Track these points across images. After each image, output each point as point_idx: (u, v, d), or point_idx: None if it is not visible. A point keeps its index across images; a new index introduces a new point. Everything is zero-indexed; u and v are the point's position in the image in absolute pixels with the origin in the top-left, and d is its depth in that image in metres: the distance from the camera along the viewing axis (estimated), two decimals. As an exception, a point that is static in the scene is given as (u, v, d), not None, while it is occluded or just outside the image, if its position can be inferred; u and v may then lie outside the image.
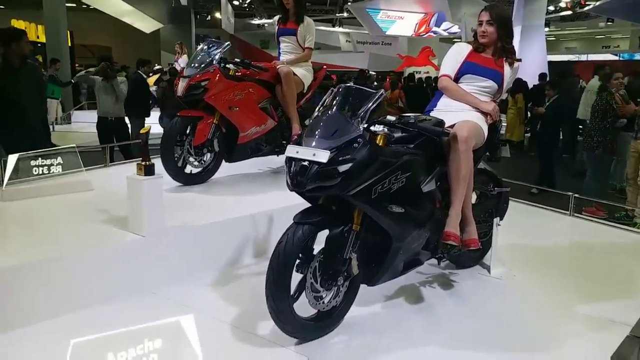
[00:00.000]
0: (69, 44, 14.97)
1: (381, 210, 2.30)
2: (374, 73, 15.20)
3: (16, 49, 4.69)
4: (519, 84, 10.58)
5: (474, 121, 2.79)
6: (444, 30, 20.20)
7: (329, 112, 2.32)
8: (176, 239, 3.01)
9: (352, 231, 2.33)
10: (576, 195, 4.55)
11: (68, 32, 14.59)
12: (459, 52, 3.00)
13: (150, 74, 8.62)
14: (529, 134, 11.65)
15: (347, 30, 24.03)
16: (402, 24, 21.06)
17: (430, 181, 2.60)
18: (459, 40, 23.19)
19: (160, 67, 11.61)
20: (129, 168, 4.83)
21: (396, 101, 10.91)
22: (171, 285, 2.89)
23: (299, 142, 2.30)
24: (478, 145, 2.82)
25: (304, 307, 2.35)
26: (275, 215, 3.49)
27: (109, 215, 3.19)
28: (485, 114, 2.89)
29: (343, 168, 2.16)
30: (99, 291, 2.67)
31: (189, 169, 4.04)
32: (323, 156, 2.15)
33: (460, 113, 2.84)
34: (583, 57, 27.37)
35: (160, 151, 3.83)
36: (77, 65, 18.42)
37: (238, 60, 4.11)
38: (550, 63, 16.18)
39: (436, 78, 14.34)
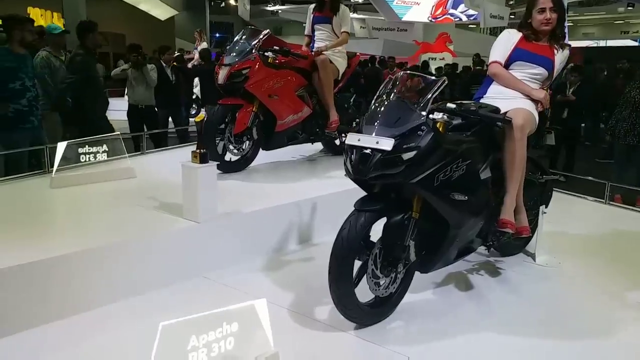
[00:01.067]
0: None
1: (443, 198, 2.32)
2: (383, 57, 14.97)
3: (92, 40, 5.07)
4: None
5: (527, 109, 2.78)
6: (461, 12, 19.89)
7: (390, 99, 2.33)
8: (228, 225, 3.05)
9: (412, 219, 2.35)
10: (612, 183, 4.56)
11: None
12: (509, 38, 2.98)
13: (172, 62, 8.47)
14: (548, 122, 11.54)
15: (362, 16, 23.82)
16: (418, 9, 20.79)
17: (486, 169, 2.61)
18: (476, 26, 22.90)
19: (180, 54, 11.52)
20: (165, 156, 4.92)
21: None
22: (223, 270, 2.95)
23: (359, 130, 2.31)
24: (530, 132, 2.81)
25: (361, 294, 2.38)
26: (317, 203, 3.53)
27: (159, 202, 3.24)
28: (536, 101, 2.88)
29: (407, 156, 2.17)
30: (154, 276, 2.73)
31: (228, 156, 4.07)
32: (387, 144, 2.16)
33: (512, 100, 2.83)
34: (602, 43, 26.96)
35: (203, 139, 3.86)
36: (91, 52, 18.41)
37: (277, 48, 4.12)
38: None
39: (454, 65, 14.15)
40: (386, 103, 2.32)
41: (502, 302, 2.76)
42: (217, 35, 26.26)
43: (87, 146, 3.70)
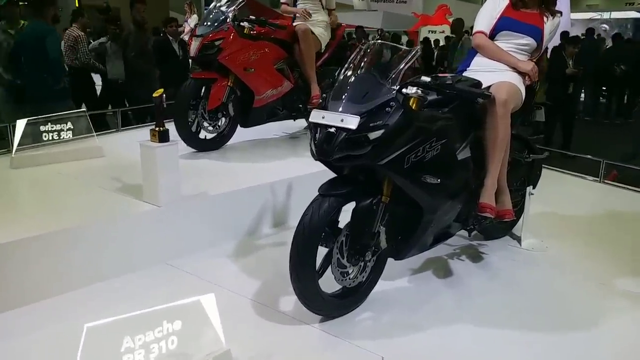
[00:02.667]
0: (77, 6, 14.56)
1: (414, 181, 2.13)
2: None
3: (137, 11, 5.84)
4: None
5: (512, 82, 2.56)
6: (461, -22, 19.28)
7: (358, 72, 2.11)
8: (192, 208, 2.87)
9: (382, 203, 2.16)
10: (607, 161, 4.36)
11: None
12: (495, 6, 2.74)
13: (183, 35, 7.98)
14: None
15: (360, -12, 23.20)
16: (417, -20, 20.27)
17: (465, 148, 2.40)
18: (477, -3, 22.27)
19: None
20: (141, 133, 4.69)
21: None
22: (187, 257, 2.77)
23: (324, 107, 2.10)
24: (516, 108, 2.60)
25: (328, 283, 2.21)
26: (294, 184, 3.34)
27: (122, 184, 3.06)
28: (523, 74, 2.66)
29: (374, 135, 1.97)
30: (113, 264, 2.56)
31: (203, 134, 3.87)
32: (352, 122, 1.96)
33: (496, 73, 2.61)
34: (605, 15, 26.32)
35: (174, 116, 3.66)
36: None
37: (253, 17, 3.87)
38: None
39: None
40: (354, 76, 2.11)
41: (484, 290, 2.59)
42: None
43: (49, 124, 3.49)
